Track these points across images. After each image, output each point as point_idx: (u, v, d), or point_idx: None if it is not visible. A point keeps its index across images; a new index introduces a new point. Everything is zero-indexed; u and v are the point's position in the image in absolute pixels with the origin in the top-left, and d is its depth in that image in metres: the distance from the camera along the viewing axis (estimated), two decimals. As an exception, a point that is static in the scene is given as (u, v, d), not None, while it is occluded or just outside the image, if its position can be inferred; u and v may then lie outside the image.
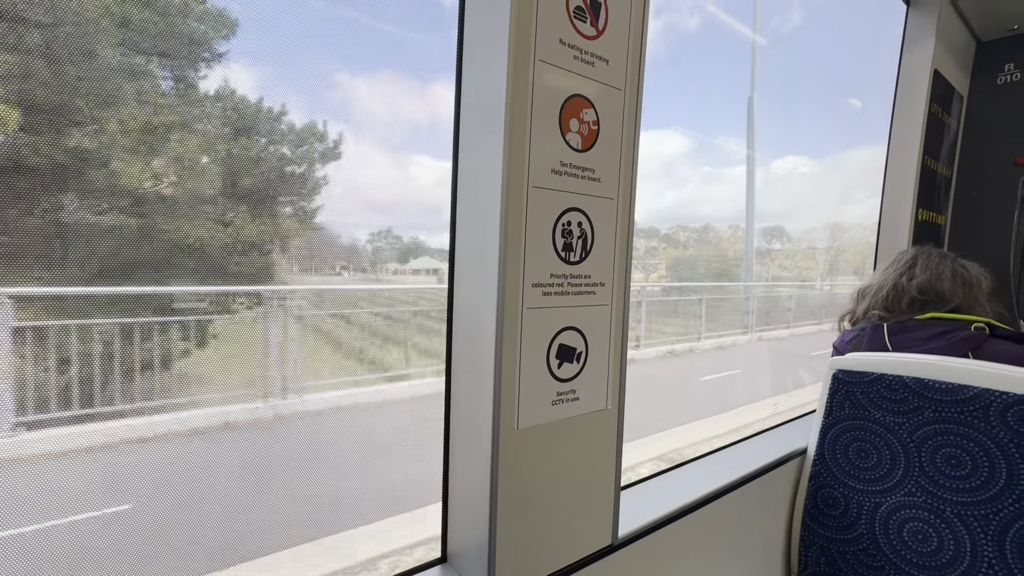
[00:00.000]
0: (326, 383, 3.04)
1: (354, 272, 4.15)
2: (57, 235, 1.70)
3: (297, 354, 2.93)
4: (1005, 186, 1.95)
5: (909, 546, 0.97)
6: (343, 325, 3.50)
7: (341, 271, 3.94)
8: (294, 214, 2.43)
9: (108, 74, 1.70)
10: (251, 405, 2.60)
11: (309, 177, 2.39)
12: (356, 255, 3.94)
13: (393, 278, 4.95)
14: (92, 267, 1.82)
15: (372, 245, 4.65)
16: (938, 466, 0.95)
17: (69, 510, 1.97)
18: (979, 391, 0.90)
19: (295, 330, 2.97)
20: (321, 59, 2.03)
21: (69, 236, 1.72)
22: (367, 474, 2.62)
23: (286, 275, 2.67)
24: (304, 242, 2.57)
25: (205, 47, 1.95)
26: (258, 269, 2.31)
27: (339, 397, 3.08)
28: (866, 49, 4.90)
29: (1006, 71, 1.95)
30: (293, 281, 2.83)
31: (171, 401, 2.35)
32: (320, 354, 3.23)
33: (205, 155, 1.99)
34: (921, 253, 1.25)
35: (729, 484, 1.00)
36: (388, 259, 4.86)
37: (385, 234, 4.82)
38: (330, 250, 3.26)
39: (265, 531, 2.20)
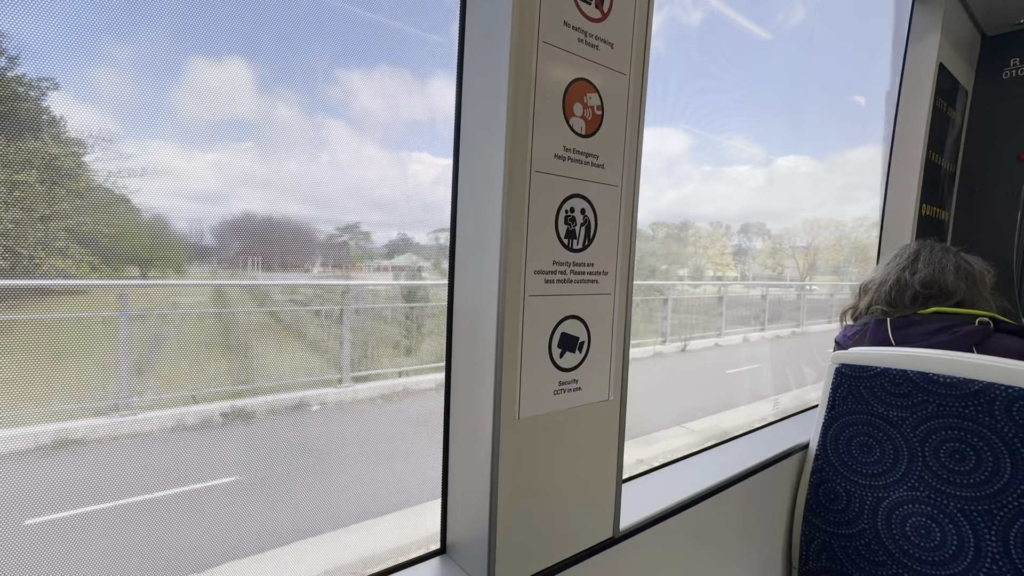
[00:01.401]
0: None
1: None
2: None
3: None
4: (1009, 181, 1.94)
5: (912, 541, 0.97)
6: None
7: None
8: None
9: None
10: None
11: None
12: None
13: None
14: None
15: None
16: (942, 461, 0.94)
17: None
18: (984, 385, 0.89)
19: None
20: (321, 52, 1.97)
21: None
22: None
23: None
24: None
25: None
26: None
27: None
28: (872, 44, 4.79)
29: (1011, 66, 1.94)
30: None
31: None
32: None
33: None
34: (924, 247, 1.24)
35: (730, 478, 0.99)
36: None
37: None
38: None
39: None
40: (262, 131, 1.75)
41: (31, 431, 1.77)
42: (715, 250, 9.95)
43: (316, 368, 2.83)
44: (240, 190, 1.76)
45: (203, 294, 2.29)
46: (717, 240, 10.04)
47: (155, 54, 1.27)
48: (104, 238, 1.49)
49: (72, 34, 1.02)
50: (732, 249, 10.37)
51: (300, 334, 2.77)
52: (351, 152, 2.23)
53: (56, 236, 1.42)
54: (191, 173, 1.48)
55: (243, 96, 1.67)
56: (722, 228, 10.21)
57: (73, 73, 1.12)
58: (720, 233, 10.18)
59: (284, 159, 1.88)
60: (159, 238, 1.58)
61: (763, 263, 10.56)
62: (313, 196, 2.03)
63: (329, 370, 2.86)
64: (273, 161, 1.81)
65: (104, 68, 1.19)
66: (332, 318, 2.94)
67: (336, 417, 2.76)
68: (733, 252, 10.36)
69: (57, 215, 1.39)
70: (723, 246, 10.13)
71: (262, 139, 1.77)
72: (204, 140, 1.53)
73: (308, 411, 2.66)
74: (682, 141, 8.20)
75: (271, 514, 2.09)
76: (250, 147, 1.77)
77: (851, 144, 8.41)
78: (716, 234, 10.01)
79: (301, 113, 1.93)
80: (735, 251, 10.46)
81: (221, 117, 1.59)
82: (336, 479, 2.39)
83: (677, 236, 9.09)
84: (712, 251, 9.91)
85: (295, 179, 1.91)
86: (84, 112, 1.20)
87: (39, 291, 1.48)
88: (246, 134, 1.73)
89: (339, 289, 2.92)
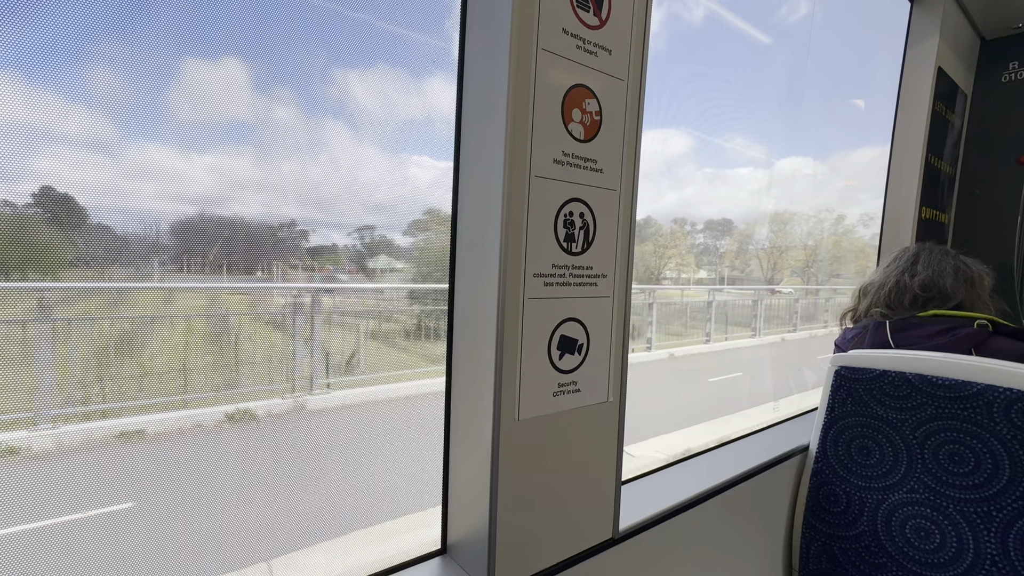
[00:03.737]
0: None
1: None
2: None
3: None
4: (1009, 184, 1.94)
5: (912, 543, 0.97)
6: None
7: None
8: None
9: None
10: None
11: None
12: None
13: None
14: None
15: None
16: (941, 463, 0.94)
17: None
18: (983, 387, 0.89)
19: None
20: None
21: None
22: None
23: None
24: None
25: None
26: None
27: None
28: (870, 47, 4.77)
29: (1010, 69, 1.94)
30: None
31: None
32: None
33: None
34: (923, 250, 1.25)
35: (730, 480, 1.00)
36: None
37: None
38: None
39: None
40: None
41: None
42: (676, 250, 9.55)
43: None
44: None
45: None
46: (680, 239, 9.61)
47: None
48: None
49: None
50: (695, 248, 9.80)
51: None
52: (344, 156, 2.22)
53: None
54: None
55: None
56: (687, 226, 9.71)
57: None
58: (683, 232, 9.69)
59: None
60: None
61: (731, 264, 10.08)
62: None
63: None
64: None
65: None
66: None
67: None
68: (694, 251, 9.81)
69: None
70: (686, 245, 9.66)
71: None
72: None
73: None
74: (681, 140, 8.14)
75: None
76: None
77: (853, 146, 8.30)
78: (680, 232, 9.59)
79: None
80: (698, 250, 9.90)
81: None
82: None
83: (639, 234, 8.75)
84: (673, 251, 9.53)
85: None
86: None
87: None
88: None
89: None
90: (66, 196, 1.51)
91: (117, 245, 1.83)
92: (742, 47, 6.84)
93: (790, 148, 9.24)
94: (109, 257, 1.88)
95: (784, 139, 9.27)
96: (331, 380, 3.05)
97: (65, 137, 1.43)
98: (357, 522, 2.28)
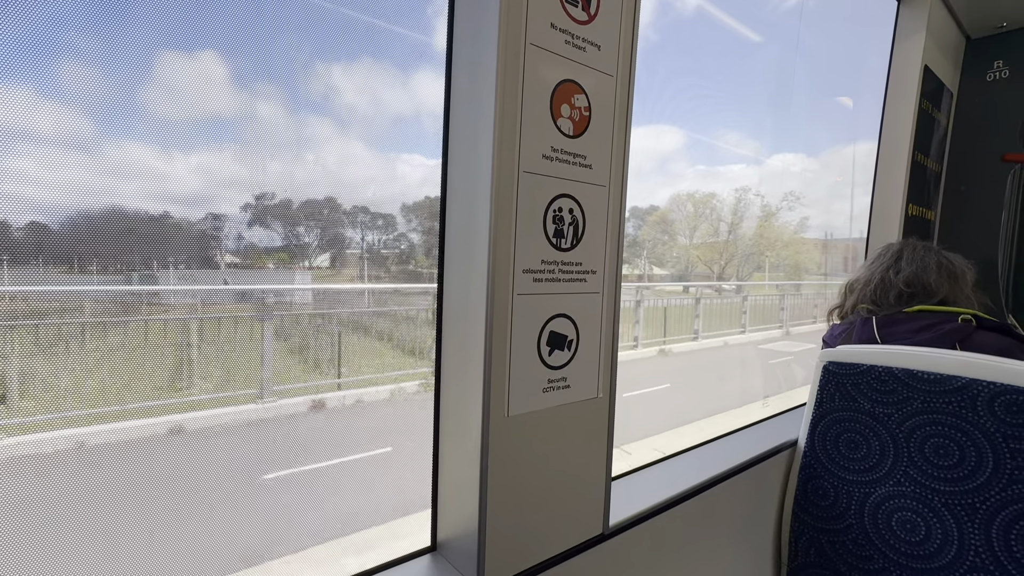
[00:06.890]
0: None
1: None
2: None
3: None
4: (994, 182, 1.97)
5: (898, 535, 0.98)
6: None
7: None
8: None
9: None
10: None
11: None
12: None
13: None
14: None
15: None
16: (926, 456, 0.95)
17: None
18: (967, 381, 0.90)
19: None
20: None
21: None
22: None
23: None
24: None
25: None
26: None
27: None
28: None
29: (995, 68, 1.97)
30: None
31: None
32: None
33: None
34: (906, 247, 1.27)
35: (719, 475, 1.00)
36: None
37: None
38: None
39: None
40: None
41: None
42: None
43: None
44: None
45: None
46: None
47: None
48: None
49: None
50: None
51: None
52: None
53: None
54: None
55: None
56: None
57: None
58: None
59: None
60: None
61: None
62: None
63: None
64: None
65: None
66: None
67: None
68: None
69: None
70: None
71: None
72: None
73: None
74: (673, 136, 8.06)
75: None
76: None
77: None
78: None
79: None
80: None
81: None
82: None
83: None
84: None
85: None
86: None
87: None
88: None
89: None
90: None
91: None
92: (728, 41, 6.84)
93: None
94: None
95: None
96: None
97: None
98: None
